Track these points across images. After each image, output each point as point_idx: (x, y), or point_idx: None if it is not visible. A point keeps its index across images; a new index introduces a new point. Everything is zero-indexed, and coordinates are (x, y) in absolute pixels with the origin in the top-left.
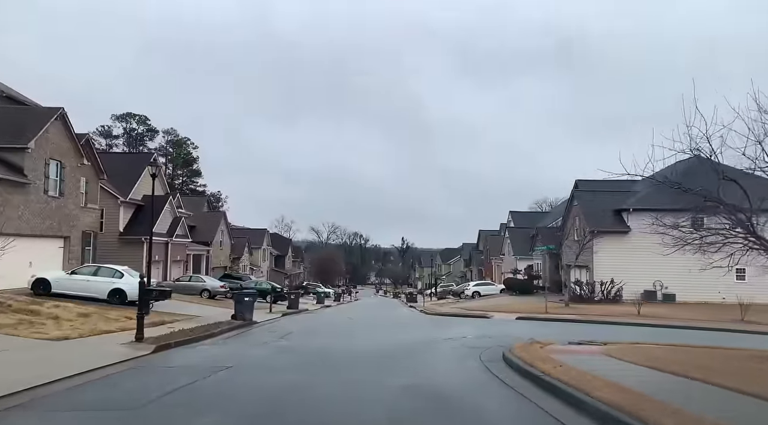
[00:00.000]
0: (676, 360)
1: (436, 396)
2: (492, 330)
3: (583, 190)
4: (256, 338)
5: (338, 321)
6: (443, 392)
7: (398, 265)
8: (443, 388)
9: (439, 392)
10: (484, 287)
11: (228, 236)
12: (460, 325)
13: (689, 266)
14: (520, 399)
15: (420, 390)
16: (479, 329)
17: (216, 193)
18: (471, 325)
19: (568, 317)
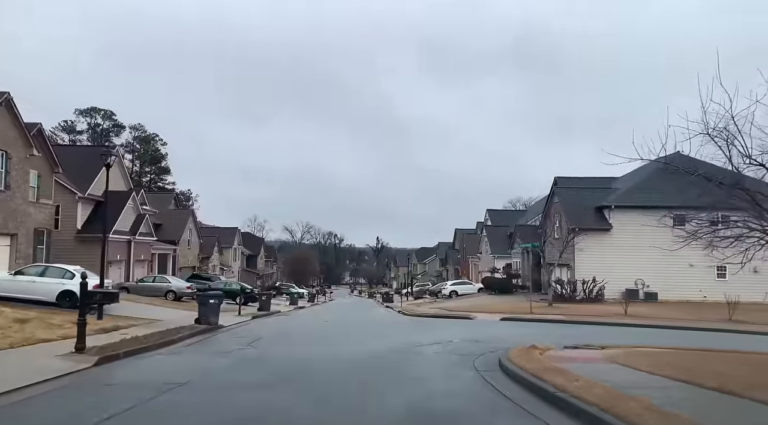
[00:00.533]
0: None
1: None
2: (479, 333)
3: (563, 187)
4: (220, 345)
5: (312, 324)
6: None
7: (373, 265)
8: (444, 415)
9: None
10: (461, 286)
11: (197, 234)
12: (443, 327)
13: (671, 264)
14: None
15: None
16: (465, 331)
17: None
18: (455, 327)
19: (554, 317)
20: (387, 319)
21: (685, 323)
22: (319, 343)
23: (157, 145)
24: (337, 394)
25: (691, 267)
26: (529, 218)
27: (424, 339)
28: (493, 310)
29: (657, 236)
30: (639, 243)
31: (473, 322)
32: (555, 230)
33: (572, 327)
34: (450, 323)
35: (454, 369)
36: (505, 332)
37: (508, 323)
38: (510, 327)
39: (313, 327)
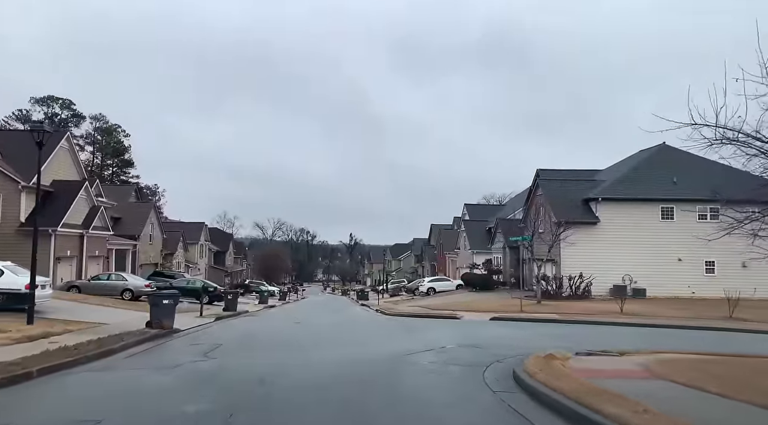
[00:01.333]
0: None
1: None
2: (472, 336)
3: (547, 179)
4: (169, 356)
5: (283, 327)
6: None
7: (346, 262)
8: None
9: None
10: (439, 283)
11: (159, 229)
12: (430, 329)
13: (659, 259)
14: None
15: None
16: (456, 334)
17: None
18: (443, 329)
19: (547, 316)
20: (365, 319)
21: (685, 321)
22: (290, 351)
23: (120, 136)
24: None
25: (680, 262)
26: (509, 212)
27: (413, 345)
28: (479, 309)
29: (646, 230)
30: (627, 237)
31: (461, 323)
32: (539, 223)
33: (569, 327)
34: (436, 323)
35: (461, 388)
36: (500, 334)
37: (500, 323)
38: (503, 328)
39: (283, 330)
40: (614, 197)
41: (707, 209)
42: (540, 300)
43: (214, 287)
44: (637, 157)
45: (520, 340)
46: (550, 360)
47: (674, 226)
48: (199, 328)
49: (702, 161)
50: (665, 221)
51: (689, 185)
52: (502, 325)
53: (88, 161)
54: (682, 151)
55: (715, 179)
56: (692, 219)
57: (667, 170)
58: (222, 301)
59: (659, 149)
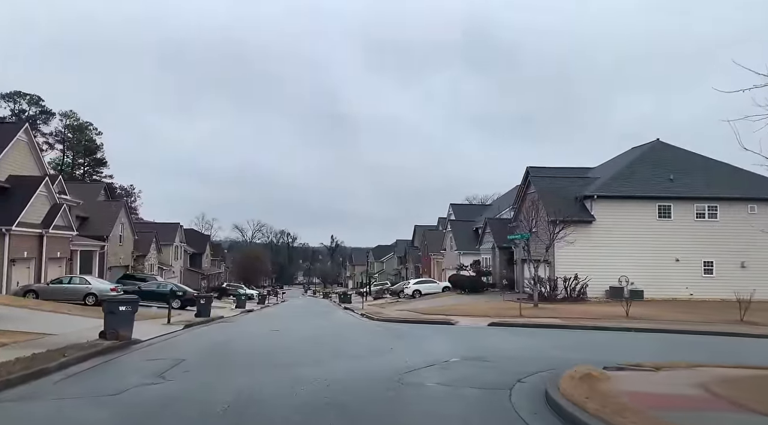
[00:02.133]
0: None
1: None
2: (476, 346)
3: (539, 176)
4: (117, 375)
5: (259, 336)
6: None
7: (327, 264)
8: None
9: None
10: (425, 285)
11: (131, 230)
12: (426, 338)
13: (656, 259)
14: None
15: None
16: (456, 344)
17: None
18: (439, 337)
19: (549, 321)
20: (351, 326)
21: (695, 325)
22: (265, 369)
23: (92, 134)
24: None
25: (677, 262)
26: (496, 212)
27: (411, 358)
28: (473, 313)
29: (643, 229)
30: (623, 237)
31: (458, 329)
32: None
33: (577, 334)
34: (430, 330)
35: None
36: (506, 343)
37: (501, 330)
38: (507, 336)
39: (258, 340)
40: (610, 195)
41: (705, 207)
42: (537, 303)
43: (183, 291)
44: (630, 154)
45: (531, 351)
46: (591, 382)
47: (671, 225)
48: (164, 338)
49: (698, 157)
50: (662, 220)
51: (686, 183)
52: (504, 332)
53: (58, 160)
54: (677, 147)
55: (713, 176)
56: (690, 218)
57: (662, 167)
58: (195, 306)
59: (653, 145)
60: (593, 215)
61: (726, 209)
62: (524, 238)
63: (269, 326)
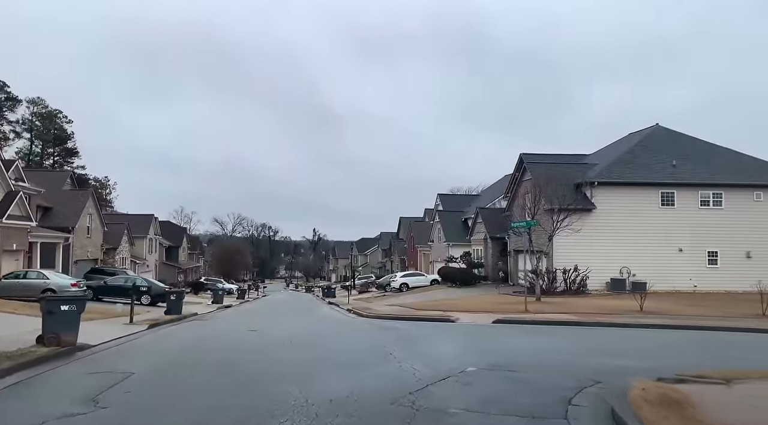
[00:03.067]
0: None
1: None
2: (491, 350)
3: (535, 162)
4: (37, 398)
5: (233, 338)
6: None
7: (310, 257)
8: None
9: None
10: (412, 278)
11: (100, 221)
12: (427, 338)
13: (659, 249)
14: None
15: None
16: (466, 346)
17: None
18: (443, 338)
19: (561, 318)
20: (338, 324)
21: (718, 321)
22: (233, 388)
23: (62, 123)
24: None
25: (681, 253)
26: (486, 201)
27: (418, 368)
28: (472, 308)
29: (645, 217)
30: (625, 226)
31: (460, 327)
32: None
33: (597, 332)
34: (430, 329)
35: None
36: (524, 346)
37: (510, 328)
38: (520, 336)
39: (232, 344)
40: (611, 181)
41: (710, 194)
42: (539, 297)
43: (147, 286)
44: (629, 140)
45: (557, 355)
46: (678, 409)
47: (675, 213)
48: (120, 341)
49: (700, 142)
50: (665, 208)
51: (689, 169)
52: (515, 331)
53: (26, 149)
54: (677, 132)
55: (716, 162)
56: (694, 205)
57: (664, 152)
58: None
59: (653, 130)
60: (593, 203)
61: (731, 197)
62: (530, 225)
63: (246, 324)
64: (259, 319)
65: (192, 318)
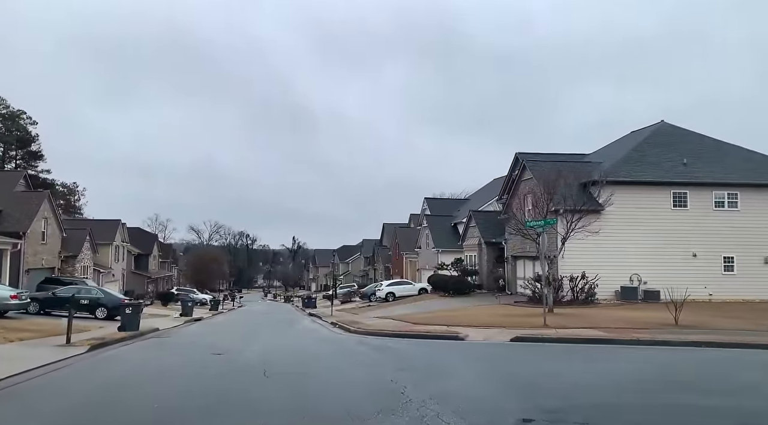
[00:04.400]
0: None
1: None
2: (534, 384)
3: (535, 161)
4: None
5: (188, 368)
6: None
7: (289, 266)
8: None
9: None
10: (399, 287)
11: (58, 226)
12: (442, 367)
13: (672, 254)
14: None
15: None
16: (496, 378)
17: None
18: (460, 363)
19: (588, 333)
20: (324, 343)
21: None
22: None
23: (26, 124)
24: None
25: (695, 258)
26: (476, 205)
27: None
28: (478, 322)
29: (657, 220)
30: (635, 229)
31: (474, 348)
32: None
33: (645, 352)
34: (438, 350)
35: None
36: (575, 376)
37: (535, 348)
38: (558, 360)
39: (184, 379)
40: (621, 180)
41: (725, 195)
42: (552, 308)
43: (93, 299)
44: (633, 138)
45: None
46: None
47: (688, 215)
48: (34, 374)
49: (710, 140)
50: (678, 210)
51: (702, 168)
52: (545, 352)
53: None
54: (685, 129)
55: (729, 161)
56: (708, 207)
57: (673, 150)
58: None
59: (658, 127)
60: (601, 204)
61: (747, 197)
62: (549, 224)
63: (212, 344)
64: (228, 336)
65: (150, 335)
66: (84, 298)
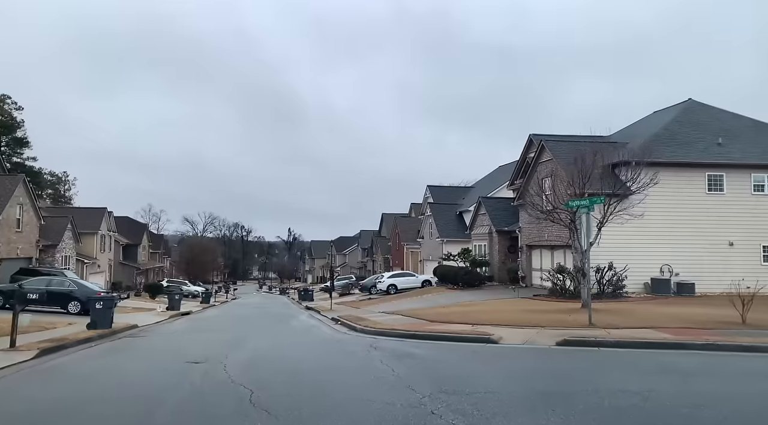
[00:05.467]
0: None
1: None
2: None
3: (553, 141)
4: None
5: (151, 387)
6: None
7: (284, 258)
8: None
9: None
10: (402, 279)
11: (35, 213)
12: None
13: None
14: None
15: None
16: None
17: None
18: (511, 381)
19: (650, 336)
20: (328, 348)
21: None
22: None
23: (10, 109)
24: None
25: (731, 247)
26: (484, 191)
27: None
28: (506, 320)
29: (690, 205)
30: (666, 215)
31: (514, 354)
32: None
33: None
34: (471, 359)
35: None
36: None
37: (595, 355)
38: (641, 377)
39: (142, 405)
40: (652, 162)
41: (764, 178)
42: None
43: (63, 292)
44: (659, 118)
45: None
46: None
47: (724, 200)
48: None
49: (745, 119)
50: (713, 194)
51: (739, 148)
52: (612, 362)
53: None
54: (715, 108)
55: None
56: (746, 191)
57: (705, 129)
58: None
59: (686, 106)
60: (630, 187)
61: None
62: (596, 203)
63: (191, 347)
64: (214, 336)
65: (123, 334)
66: (54, 291)
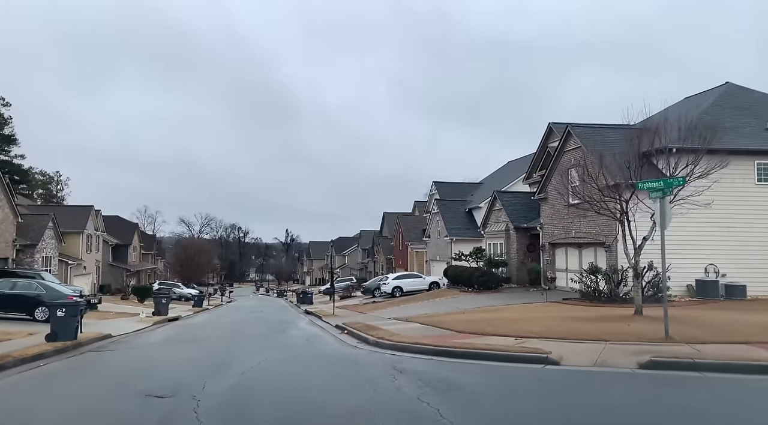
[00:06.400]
0: None
1: None
2: None
3: (581, 127)
4: None
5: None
6: None
7: (282, 260)
8: None
9: None
10: (407, 280)
11: (11, 210)
12: None
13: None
14: None
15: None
16: None
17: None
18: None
19: (743, 354)
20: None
21: None
22: None
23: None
24: None
25: None
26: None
27: None
28: (549, 331)
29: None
30: (710, 209)
31: (586, 382)
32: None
33: None
34: (544, 396)
35: None
36: None
37: (696, 383)
38: None
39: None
40: (694, 148)
41: None
42: (641, 311)
43: (28, 295)
44: (695, 102)
45: None
46: None
47: None
48: None
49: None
50: (763, 185)
51: None
52: (737, 395)
53: None
54: (759, 91)
55: None
56: None
57: (751, 114)
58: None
59: (725, 89)
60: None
61: None
62: (676, 185)
63: (165, 368)
64: (196, 352)
65: (89, 348)
66: (18, 295)
